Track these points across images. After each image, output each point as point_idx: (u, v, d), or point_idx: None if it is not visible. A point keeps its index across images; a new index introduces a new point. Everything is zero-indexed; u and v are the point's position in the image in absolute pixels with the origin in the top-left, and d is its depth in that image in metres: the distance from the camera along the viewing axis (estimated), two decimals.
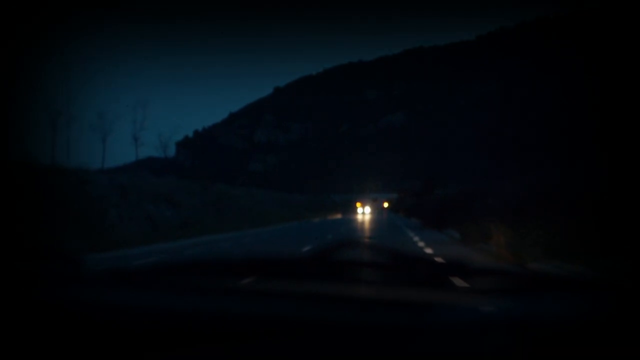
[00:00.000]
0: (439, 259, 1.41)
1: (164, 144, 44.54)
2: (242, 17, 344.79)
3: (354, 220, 43.98)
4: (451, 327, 0.96)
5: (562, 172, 15.75)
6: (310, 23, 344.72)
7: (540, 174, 18.64)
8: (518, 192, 17.75)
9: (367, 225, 35.69)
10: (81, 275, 1.33)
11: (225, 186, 45.00)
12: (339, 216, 59.86)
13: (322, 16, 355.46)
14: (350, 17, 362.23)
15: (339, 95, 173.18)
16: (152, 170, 59.60)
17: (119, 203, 24.45)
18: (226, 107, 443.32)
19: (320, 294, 1.12)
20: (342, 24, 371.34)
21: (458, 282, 1.40)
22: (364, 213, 78.99)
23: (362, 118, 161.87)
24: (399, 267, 1.34)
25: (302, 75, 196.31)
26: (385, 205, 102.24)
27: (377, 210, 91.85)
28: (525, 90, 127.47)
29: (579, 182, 12.56)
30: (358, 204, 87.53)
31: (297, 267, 1.40)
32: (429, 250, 15.10)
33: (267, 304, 1.07)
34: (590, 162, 12.94)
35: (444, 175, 70.07)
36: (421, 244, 18.00)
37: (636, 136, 9.56)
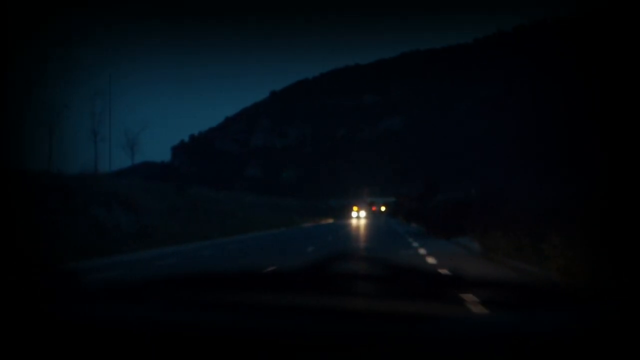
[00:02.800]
0: (469, 297, 1.21)
1: (131, 142, 38.93)
2: (238, 21, 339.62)
3: (347, 226, 38.86)
4: (448, 338, 0.92)
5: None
6: (307, 27, 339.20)
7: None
8: (559, 197, 13.03)
9: (362, 231, 30.68)
10: (86, 290, 1.26)
11: (207, 189, 40.37)
12: (330, 221, 54.57)
13: (318, 20, 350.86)
14: (346, 20, 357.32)
15: (336, 99, 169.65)
16: (146, 176, 54.95)
17: (55, 208, 19.58)
18: (222, 112, 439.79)
19: None
20: (338, 28, 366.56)
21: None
22: (358, 217, 73.39)
23: (359, 122, 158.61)
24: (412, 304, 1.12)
25: (299, 79, 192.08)
26: (383, 209, 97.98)
27: (374, 215, 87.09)
28: (524, 93, 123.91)
29: None
30: (355, 208, 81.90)
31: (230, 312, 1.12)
32: (444, 271, 10.30)
33: None
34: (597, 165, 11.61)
35: (444, 179, 65.76)
36: (431, 259, 13.22)
37: None
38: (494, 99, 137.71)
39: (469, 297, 1.20)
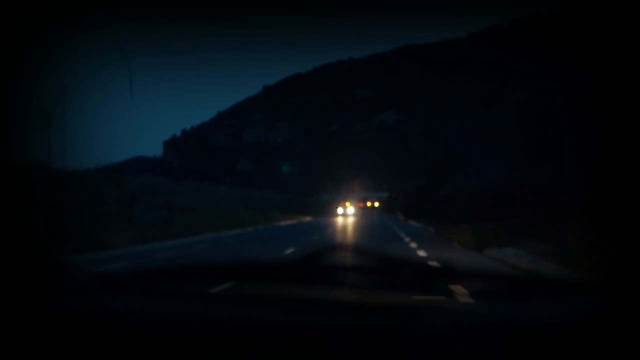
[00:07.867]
0: (458, 289, 1.15)
1: (46, 115, 27.57)
2: (231, 15, 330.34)
3: (330, 226, 30.41)
4: (439, 331, 0.90)
5: None
6: (300, 21, 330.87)
7: None
8: None
9: (350, 234, 22.40)
10: (79, 283, 1.21)
11: (164, 179, 32.37)
12: (308, 219, 45.62)
13: (311, 14, 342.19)
14: (339, 14, 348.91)
15: (329, 93, 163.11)
16: (137, 171, 46.89)
17: None
18: (215, 106, 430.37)
19: None
20: (331, 22, 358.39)
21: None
22: (345, 214, 62.15)
23: (352, 117, 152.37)
24: None
25: (292, 74, 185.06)
26: (376, 204, 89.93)
27: (365, 211, 77.62)
28: (518, 88, 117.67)
29: None
30: (347, 204, 71.96)
31: None
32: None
33: None
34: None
35: (444, 171, 57.99)
36: None
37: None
38: (487, 92, 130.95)
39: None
